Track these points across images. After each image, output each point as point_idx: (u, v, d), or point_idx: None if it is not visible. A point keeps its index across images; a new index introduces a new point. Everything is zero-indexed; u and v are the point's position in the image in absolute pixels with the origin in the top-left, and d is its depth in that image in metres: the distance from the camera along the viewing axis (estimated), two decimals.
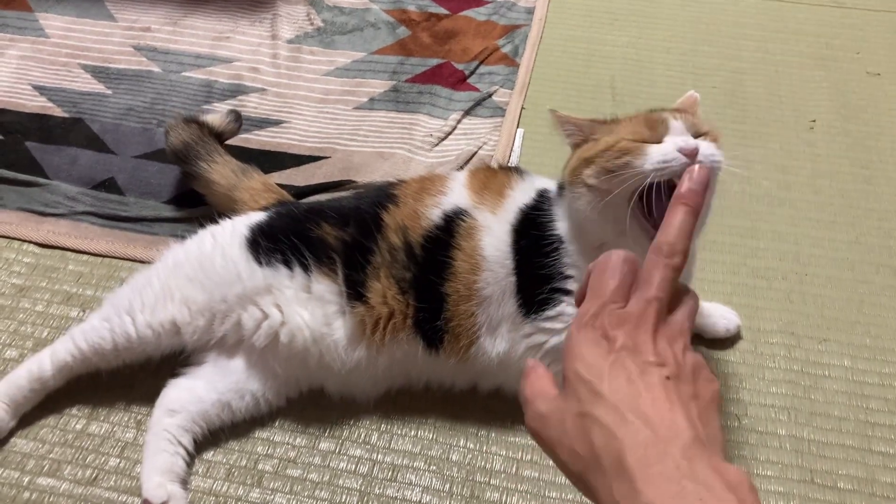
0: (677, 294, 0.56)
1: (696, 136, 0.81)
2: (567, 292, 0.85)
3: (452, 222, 0.88)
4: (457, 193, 0.91)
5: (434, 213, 0.90)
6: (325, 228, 0.90)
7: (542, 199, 0.90)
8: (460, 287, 0.86)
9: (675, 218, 0.56)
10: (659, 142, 0.79)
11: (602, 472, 0.48)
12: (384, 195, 0.93)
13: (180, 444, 0.86)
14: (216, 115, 1.20)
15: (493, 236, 0.88)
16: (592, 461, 0.49)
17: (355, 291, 0.88)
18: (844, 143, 1.32)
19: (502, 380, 0.92)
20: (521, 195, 0.91)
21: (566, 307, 0.85)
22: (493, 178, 0.93)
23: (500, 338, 0.88)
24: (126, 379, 0.94)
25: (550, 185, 0.93)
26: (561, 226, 0.87)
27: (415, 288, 0.87)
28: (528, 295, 0.86)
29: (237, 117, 1.21)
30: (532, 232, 0.87)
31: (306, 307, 0.88)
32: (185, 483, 0.85)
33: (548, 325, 0.86)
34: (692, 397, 0.51)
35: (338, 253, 0.89)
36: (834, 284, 1.09)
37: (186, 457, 0.87)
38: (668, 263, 0.55)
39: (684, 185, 0.57)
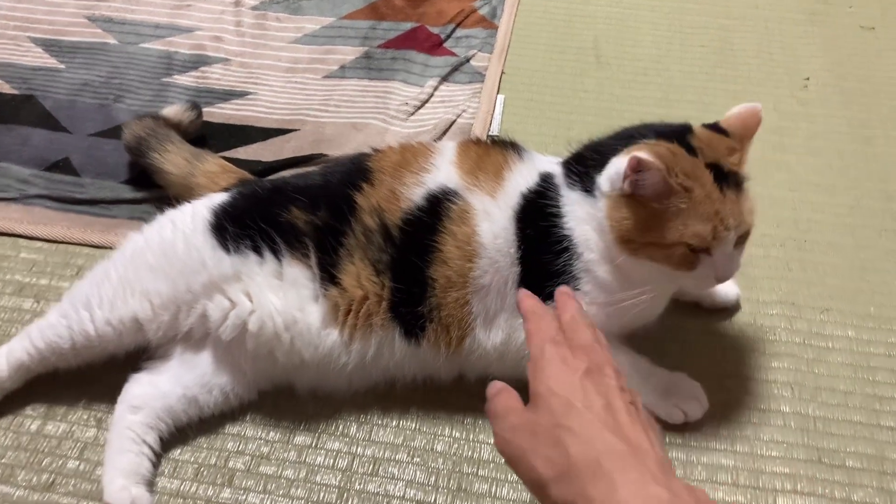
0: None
1: (739, 237, 0.77)
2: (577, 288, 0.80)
3: (439, 204, 0.81)
4: (444, 172, 0.84)
5: (416, 192, 0.82)
6: (294, 213, 0.83)
7: (547, 184, 0.82)
8: (451, 274, 0.80)
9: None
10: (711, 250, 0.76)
11: (576, 477, 0.52)
12: (357, 170, 0.86)
13: (145, 442, 0.81)
14: (173, 107, 1.14)
15: (492, 222, 0.81)
16: (566, 467, 0.53)
17: (329, 274, 0.81)
18: (840, 101, 1.27)
19: (496, 370, 0.85)
20: (521, 178, 0.83)
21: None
22: (486, 156, 0.85)
23: (496, 328, 0.82)
24: (85, 374, 0.87)
25: (552, 165, 0.85)
26: (574, 227, 0.80)
27: (392, 269, 0.81)
28: (534, 287, 0.79)
29: (194, 106, 1.15)
30: (539, 223, 0.80)
31: (278, 293, 0.82)
32: (150, 485, 0.79)
33: None
34: (650, 426, 0.58)
35: (309, 237, 0.82)
36: (835, 251, 1.04)
37: (152, 456, 0.81)
38: (589, 325, 0.65)
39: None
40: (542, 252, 0.80)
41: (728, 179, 0.75)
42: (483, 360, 0.84)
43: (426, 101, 1.25)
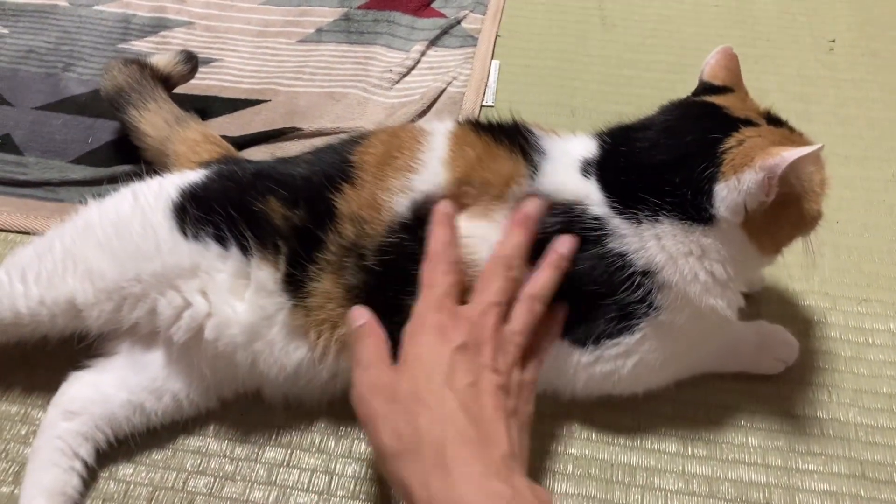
0: (519, 308, 0.63)
1: None
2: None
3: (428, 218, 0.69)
4: (433, 172, 0.70)
5: (399, 202, 0.69)
6: (271, 204, 0.71)
7: (585, 224, 0.67)
8: None
9: (515, 238, 0.64)
10: None
11: (420, 459, 0.52)
12: (339, 163, 0.73)
13: (77, 455, 0.70)
14: (164, 55, 1.02)
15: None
16: (413, 444, 0.52)
17: (296, 289, 0.70)
18: (871, 65, 1.17)
19: None
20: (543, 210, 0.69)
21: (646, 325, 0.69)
22: (489, 159, 0.70)
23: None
24: (24, 379, 0.77)
25: (583, 187, 0.69)
26: (665, 264, 0.67)
27: (368, 299, 0.68)
28: (580, 321, 0.69)
29: (189, 58, 1.03)
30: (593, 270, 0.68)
31: (242, 297, 0.71)
32: None
33: (620, 349, 0.70)
34: (514, 412, 0.57)
35: (284, 239, 0.70)
36: (871, 232, 0.94)
37: (84, 472, 0.71)
38: (507, 275, 0.62)
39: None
40: (609, 293, 0.68)
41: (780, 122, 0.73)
42: None
43: (412, 68, 1.15)
